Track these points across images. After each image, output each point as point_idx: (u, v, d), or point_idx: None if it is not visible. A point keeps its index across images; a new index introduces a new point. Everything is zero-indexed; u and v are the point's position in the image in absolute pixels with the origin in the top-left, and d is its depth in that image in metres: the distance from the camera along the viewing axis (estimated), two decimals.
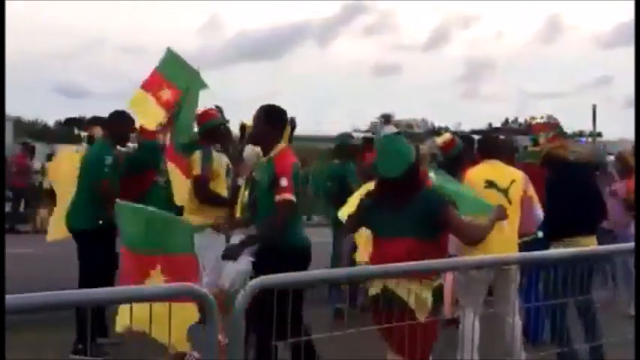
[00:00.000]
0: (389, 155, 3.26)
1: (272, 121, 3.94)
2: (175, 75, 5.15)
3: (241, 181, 4.90)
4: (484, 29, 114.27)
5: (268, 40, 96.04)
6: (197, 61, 5.39)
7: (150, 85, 5.16)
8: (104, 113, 5.61)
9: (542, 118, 5.32)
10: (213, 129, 4.95)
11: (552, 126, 5.46)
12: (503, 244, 3.95)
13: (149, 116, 5.13)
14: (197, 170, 4.80)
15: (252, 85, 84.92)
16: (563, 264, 3.39)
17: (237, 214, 4.68)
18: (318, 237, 6.88)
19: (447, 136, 6.75)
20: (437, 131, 37.69)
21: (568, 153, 4.99)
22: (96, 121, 6.93)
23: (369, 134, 11.39)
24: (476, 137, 7.92)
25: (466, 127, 44.08)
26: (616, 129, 64.60)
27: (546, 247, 4.37)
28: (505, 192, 4.26)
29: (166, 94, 5.12)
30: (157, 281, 3.32)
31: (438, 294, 3.15)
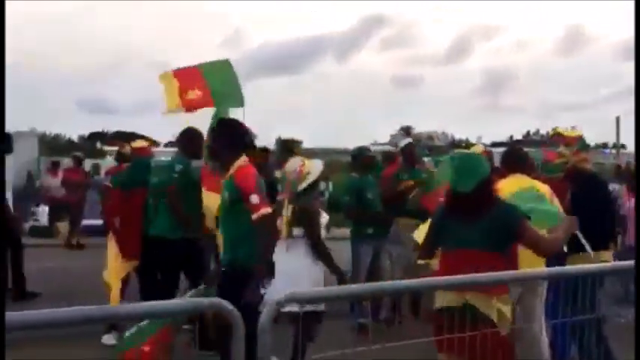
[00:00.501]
0: (462, 171, 3.33)
1: (229, 135, 3.83)
2: (218, 87, 5.20)
3: (281, 196, 4.88)
4: (505, 40, 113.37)
5: (289, 54, 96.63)
6: None
7: (181, 75, 5.25)
8: (128, 128, 5.75)
9: (569, 129, 5.24)
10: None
11: (576, 139, 5.42)
12: (532, 258, 3.91)
13: (169, 97, 5.22)
14: None
15: (273, 100, 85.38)
16: (592, 279, 3.34)
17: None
18: (338, 250, 6.86)
19: (479, 147, 6.71)
20: (457, 144, 37.48)
21: (591, 167, 4.97)
22: (119, 135, 7.15)
23: (387, 147, 11.33)
24: (495, 150, 7.84)
25: (487, 140, 43.73)
26: None
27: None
28: None
29: (194, 95, 5.18)
30: None
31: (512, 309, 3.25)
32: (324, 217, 4.78)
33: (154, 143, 17.57)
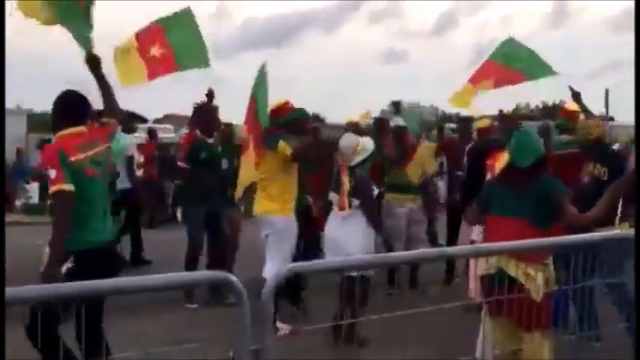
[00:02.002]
0: (521, 147, 3.60)
1: (59, 106, 3.68)
2: (180, 45, 4.88)
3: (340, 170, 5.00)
4: (492, 14, 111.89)
5: (275, 28, 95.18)
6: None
7: (141, 36, 4.90)
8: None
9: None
10: (300, 120, 5.17)
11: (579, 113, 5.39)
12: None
13: (129, 74, 4.84)
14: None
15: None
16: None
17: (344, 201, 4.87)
18: None
19: (485, 121, 6.77)
20: (447, 118, 37.49)
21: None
22: (104, 112, 7.07)
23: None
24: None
25: (474, 114, 43.26)
26: (629, 113, 63.69)
27: None
28: None
29: (156, 52, 4.87)
30: None
31: (550, 277, 3.46)
32: (375, 190, 5.02)
33: (142, 120, 17.34)
